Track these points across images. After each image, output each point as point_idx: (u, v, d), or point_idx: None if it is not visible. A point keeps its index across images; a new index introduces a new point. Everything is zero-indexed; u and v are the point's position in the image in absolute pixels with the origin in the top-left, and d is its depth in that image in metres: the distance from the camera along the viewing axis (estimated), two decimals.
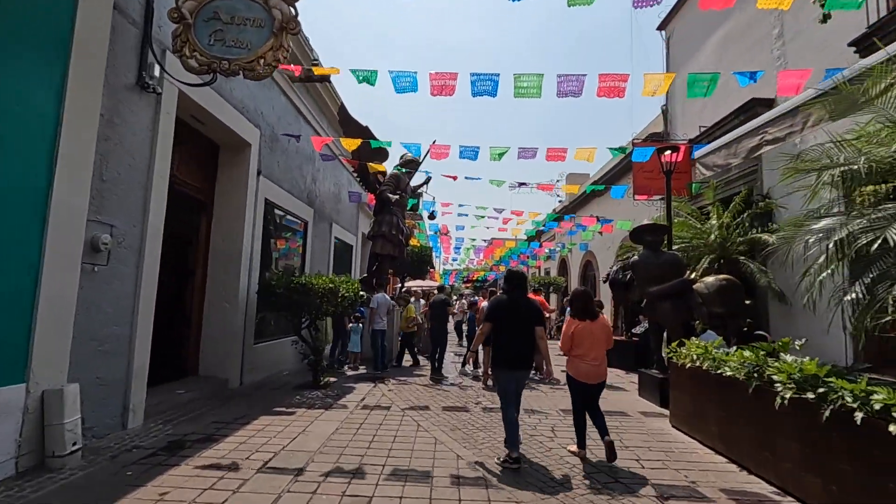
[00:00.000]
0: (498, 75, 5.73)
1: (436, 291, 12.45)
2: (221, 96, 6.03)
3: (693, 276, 7.00)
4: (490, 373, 4.48)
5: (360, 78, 6.00)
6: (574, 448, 4.27)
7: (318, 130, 9.61)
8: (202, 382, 6.14)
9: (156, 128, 4.71)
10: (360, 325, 8.77)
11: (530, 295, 8.66)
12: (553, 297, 21.52)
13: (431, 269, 28.94)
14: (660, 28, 11.99)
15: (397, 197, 9.88)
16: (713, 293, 6.69)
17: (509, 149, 7.99)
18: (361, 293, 9.46)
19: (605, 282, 11.35)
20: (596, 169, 16.15)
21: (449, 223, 16.76)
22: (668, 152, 7.71)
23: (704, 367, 4.54)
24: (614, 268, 10.94)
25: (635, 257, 6.99)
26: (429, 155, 9.13)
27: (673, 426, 5.31)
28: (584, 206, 17.54)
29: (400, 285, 17.87)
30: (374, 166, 9.56)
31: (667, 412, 5.84)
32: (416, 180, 11.40)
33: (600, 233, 16.27)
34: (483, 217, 14.13)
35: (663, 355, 6.90)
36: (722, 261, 7.61)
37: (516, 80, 5.72)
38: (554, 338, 9.52)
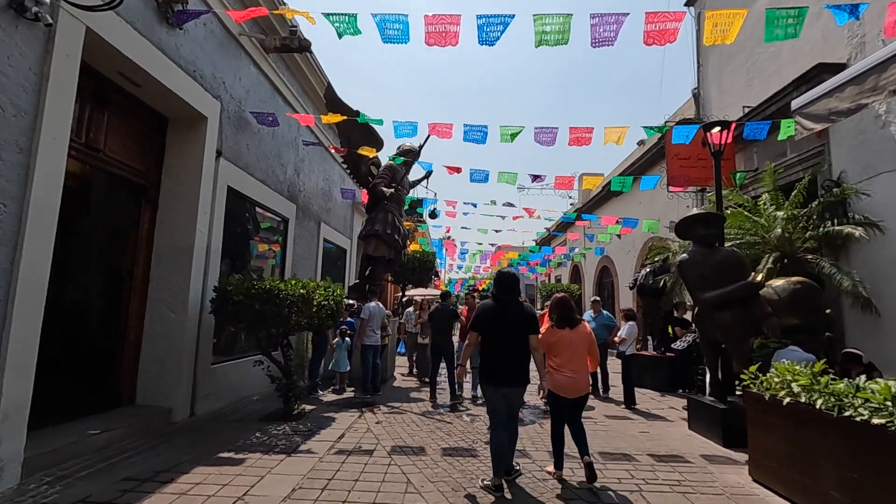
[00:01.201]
0: (512, 17, 4.42)
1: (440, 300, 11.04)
2: (162, 52, 4.76)
3: (759, 278, 5.61)
4: (464, 375, 4.25)
5: (338, 28, 4.74)
6: (551, 469, 3.94)
7: (301, 113, 8.35)
8: (134, 415, 4.81)
9: (45, 72, 3.43)
10: (347, 339, 7.41)
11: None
12: None
13: (437, 279, 27.53)
14: (688, 3, 10.70)
15: (392, 190, 8.57)
16: (786, 300, 5.30)
17: (523, 129, 6.72)
18: (350, 301, 8.15)
19: (632, 288, 9.96)
20: (615, 164, 14.80)
21: (453, 225, 15.48)
22: (717, 129, 6.39)
23: (818, 406, 3.15)
24: (643, 272, 9.57)
25: (683, 255, 5.61)
26: (429, 140, 7.87)
27: (755, 480, 3.90)
28: (600, 207, 16.18)
29: (400, 294, 16.52)
30: (366, 150, 8.28)
31: (737, 456, 4.47)
32: (414, 175, 10.09)
33: (618, 235, 14.94)
34: (492, 216, 12.85)
35: (718, 376, 5.51)
36: (786, 260, 6.22)
37: (536, 22, 4.41)
38: None
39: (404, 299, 15.24)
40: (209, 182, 5.63)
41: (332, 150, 8.88)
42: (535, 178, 8.34)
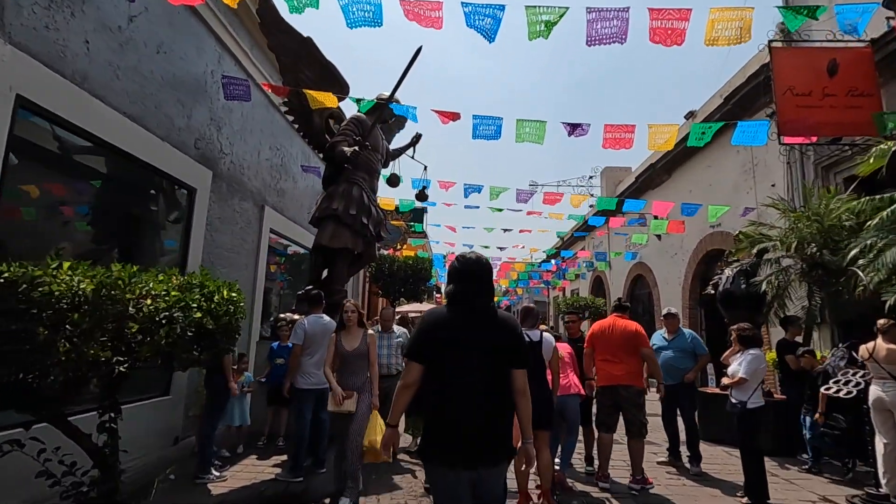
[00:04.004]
0: None
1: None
2: None
3: None
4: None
5: None
6: None
7: (219, 33, 5.64)
8: None
9: None
10: (247, 374, 4.52)
11: (617, 317, 4.46)
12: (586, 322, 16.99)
13: (438, 294, 24.45)
14: None
15: (356, 149, 5.74)
16: None
17: (567, 10, 4.00)
18: (295, 317, 5.27)
19: (713, 296, 6.96)
20: (642, 157, 11.91)
21: (453, 221, 12.58)
22: None
23: None
24: (727, 274, 6.62)
25: None
26: (419, 53, 5.10)
27: None
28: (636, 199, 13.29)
29: (391, 308, 13.62)
30: (322, 97, 5.52)
31: None
32: (399, 144, 7.27)
33: (658, 236, 12.06)
34: (501, 210, 9.99)
35: None
36: None
37: None
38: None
39: (398, 318, 12.29)
40: None
41: (267, 89, 6.05)
42: (574, 128, 5.49)
